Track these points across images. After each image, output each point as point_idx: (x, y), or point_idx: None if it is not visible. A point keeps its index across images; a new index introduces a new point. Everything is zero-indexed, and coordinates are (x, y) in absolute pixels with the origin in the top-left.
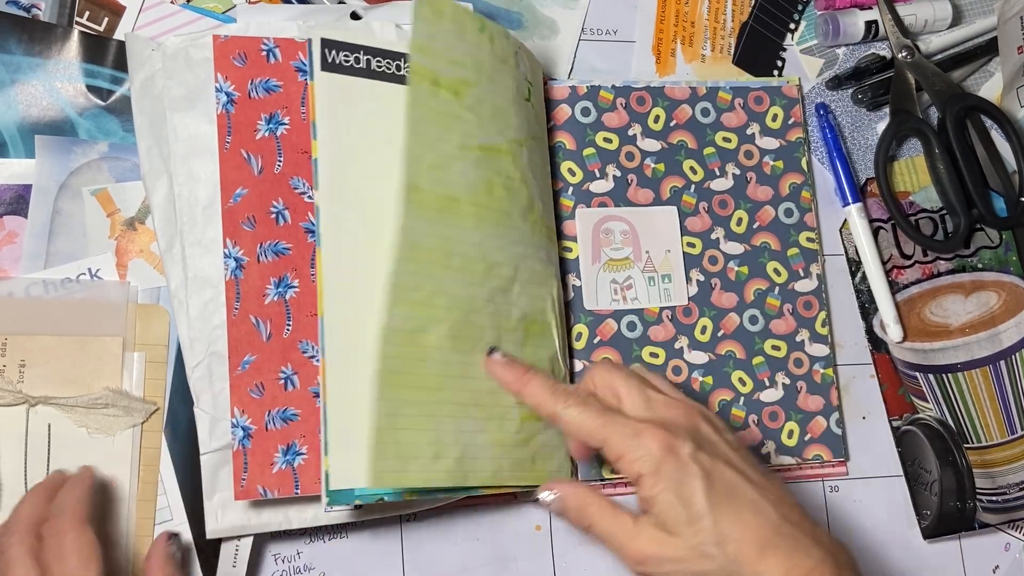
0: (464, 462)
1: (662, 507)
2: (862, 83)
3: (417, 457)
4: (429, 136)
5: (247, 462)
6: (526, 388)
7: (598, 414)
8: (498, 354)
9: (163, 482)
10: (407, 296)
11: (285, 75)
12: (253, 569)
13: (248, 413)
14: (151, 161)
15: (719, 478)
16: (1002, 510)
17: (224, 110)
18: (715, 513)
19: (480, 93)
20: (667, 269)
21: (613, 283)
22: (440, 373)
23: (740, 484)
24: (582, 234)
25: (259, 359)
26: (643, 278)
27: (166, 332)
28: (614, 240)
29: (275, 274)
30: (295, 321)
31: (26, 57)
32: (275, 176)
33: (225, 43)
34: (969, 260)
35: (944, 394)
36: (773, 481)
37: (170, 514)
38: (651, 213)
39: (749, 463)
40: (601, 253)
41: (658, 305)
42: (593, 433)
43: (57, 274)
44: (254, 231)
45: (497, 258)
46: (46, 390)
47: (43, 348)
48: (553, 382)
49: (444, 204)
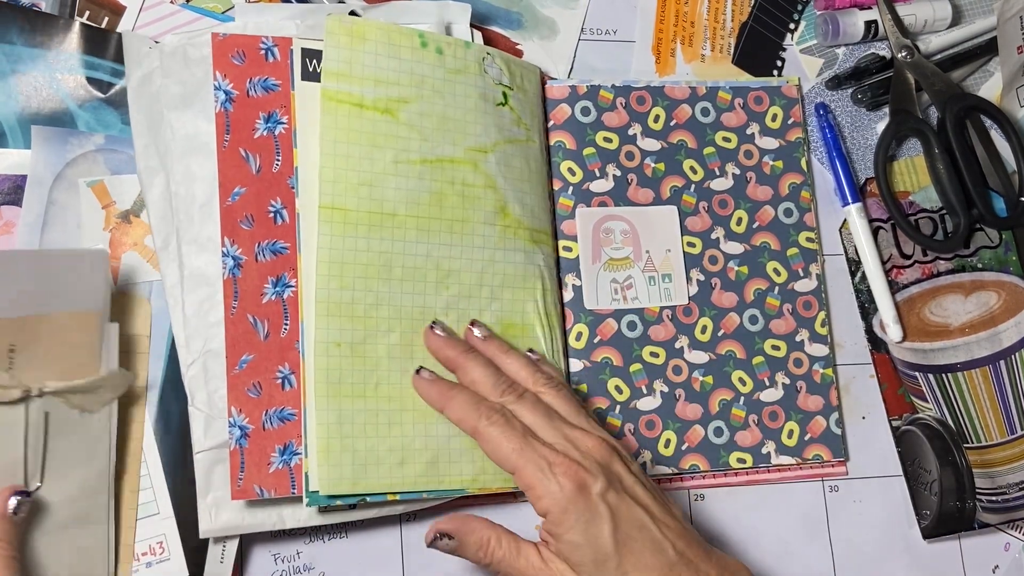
0: (438, 466)
1: (568, 548)
2: (862, 83)
3: (378, 463)
4: (351, 156)
5: (244, 461)
6: (449, 404)
7: (517, 438)
8: (425, 372)
9: (151, 476)
10: (338, 310)
11: (283, 74)
12: (250, 568)
13: (245, 412)
14: (147, 158)
15: (625, 518)
16: (1002, 510)
17: (223, 108)
18: (620, 555)
19: (423, 108)
20: (667, 269)
21: (613, 283)
22: (398, 382)
23: (645, 522)
24: (582, 233)
25: (257, 358)
26: (643, 278)
27: (148, 322)
28: (614, 240)
29: (273, 273)
30: (292, 321)
31: (27, 48)
32: (273, 175)
33: (224, 41)
34: (969, 260)
35: (944, 394)
36: (673, 513)
37: (156, 508)
38: (651, 213)
39: (652, 497)
40: (601, 252)
41: (659, 305)
42: (508, 458)
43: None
44: (252, 230)
45: (453, 266)
46: (37, 372)
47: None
48: (479, 399)
49: (377, 220)
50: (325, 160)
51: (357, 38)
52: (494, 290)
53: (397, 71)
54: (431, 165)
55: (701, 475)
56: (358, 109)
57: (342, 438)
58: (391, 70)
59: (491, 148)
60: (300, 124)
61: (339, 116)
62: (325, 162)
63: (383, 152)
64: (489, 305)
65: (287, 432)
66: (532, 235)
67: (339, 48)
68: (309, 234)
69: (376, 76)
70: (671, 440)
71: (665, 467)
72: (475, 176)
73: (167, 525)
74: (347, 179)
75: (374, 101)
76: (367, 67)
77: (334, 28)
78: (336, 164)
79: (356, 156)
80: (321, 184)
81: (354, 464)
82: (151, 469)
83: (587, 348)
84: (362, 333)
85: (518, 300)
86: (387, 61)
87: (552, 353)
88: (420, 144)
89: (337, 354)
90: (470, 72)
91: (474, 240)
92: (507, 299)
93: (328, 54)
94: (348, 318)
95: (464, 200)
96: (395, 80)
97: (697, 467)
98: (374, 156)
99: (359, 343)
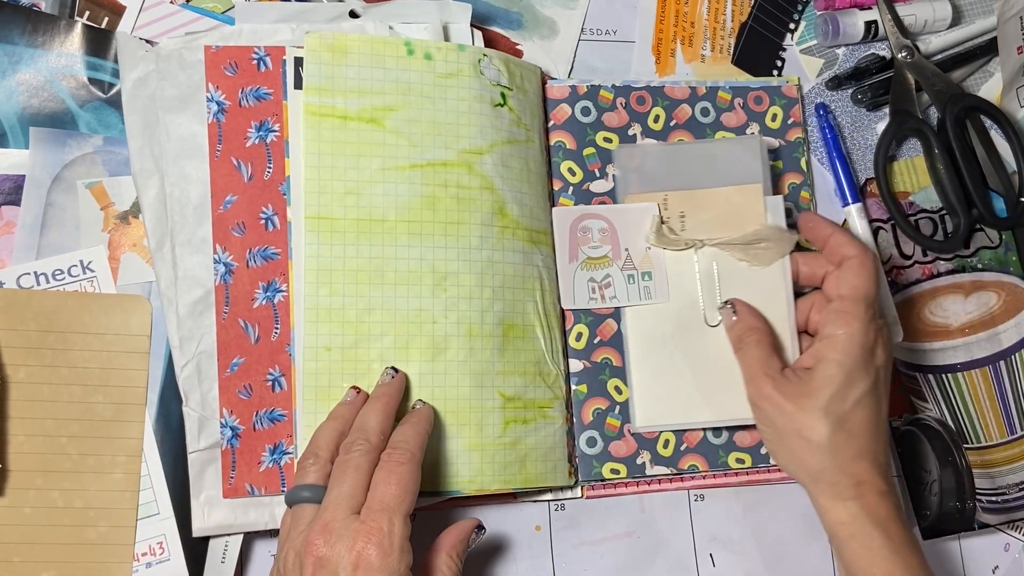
0: (436, 468)
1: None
2: (862, 83)
3: None
4: (336, 167)
5: (235, 461)
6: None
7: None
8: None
9: (151, 476)
10: (328, 316)
11: (275, 83)
12: (249, 568)
13: (236, 413)
14: (142, 160)
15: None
16: (1002, 510)
17: (215, 119)
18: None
19: (411, 114)
20: (647, 267)
21: (591, 281)
22: None
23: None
24: (559, 232)
25: (247, 361)
26: (622, 276)
27: (148, 322)
28: (592, 238)
29: (264, 279)
30: (283, 325)
31: (28, 48)
32: (265, 182)
33: (216, 53)
34: (969, 260)
35: (944, 394)
36: None
37: (156, 508)
38: (630, 210)
39: None
40: (579, 251)
41: (638, 303)
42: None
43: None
44: (243, 237)
45: (451, 268)
46: (703, 234)
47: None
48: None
49: (366, 226)
50: (310, 172)
51: (339, 52)
52: (495, 291)
53: (382, 80)
54: (421, 169)
55: (701, 475)
56: (342, 121)
57: None
58: (375, 80)
59: (487, 149)
60: (292, 133)
61: (322, 129)
62: (310, 174)
63: (369, 160)
64: (491, 306)
65: (277, 432)
66: (531, 235)
67: (320, 64)
68: (300, 242)
69: (360, 88)
70: (670, 440)
71: (664, 467)
72: (470, 178)
73: (167, 525)
74: (332, 189)
75: (358, 112)
76: (349, 80)
77: (314, 45)
78: (320, 176)
79: (341, 167)
80: (306, 196)
81: None
82: (151, 469)
83: (587, 348)
84: (353, 337)
85: (519, 301)
86: (371, 72)
87: (551, 354)
88: (409, 150)
89: (327, 358)
90: (463, 75)
91: (471, 242)
92: (508, 300)
93: (309, 70)
94: (339, 323)
95: (459, 202)
96: (379, 90)
97: (696, 467)
98: (360, 165)
99: (350, 347)
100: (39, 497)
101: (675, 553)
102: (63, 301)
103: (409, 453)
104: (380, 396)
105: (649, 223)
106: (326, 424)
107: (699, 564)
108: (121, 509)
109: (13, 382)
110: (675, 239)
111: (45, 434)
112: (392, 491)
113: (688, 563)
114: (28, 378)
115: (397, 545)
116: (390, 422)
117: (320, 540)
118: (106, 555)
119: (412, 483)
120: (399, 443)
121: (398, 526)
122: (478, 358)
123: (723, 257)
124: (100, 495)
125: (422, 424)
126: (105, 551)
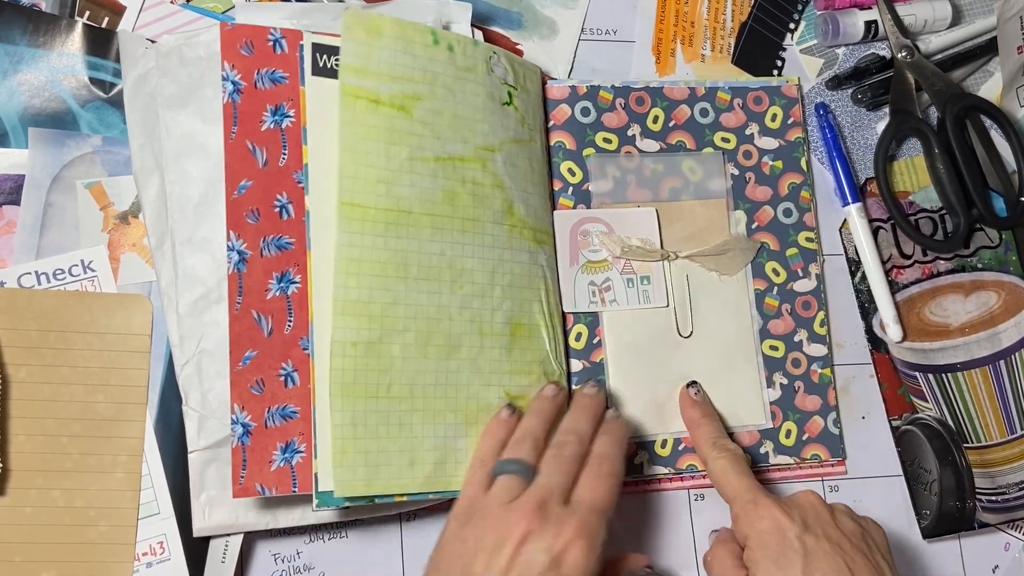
0: (446, 467)
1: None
2: (862, 83)
3: (389, 464)
4: (370, 153)
5: (246, 459)
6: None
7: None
8: (694, 390)
9: (151, 476)
10: (355, 309)
11: (291, 67)
12: (250, 568)
13: (248, 410)
14: (143, 158)
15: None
16: (1002, 510)
17: (230, 99)
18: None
19: (435, 105)
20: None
21: (591, 285)
22: (409, 382)
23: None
24: (560, 236)
25: (260, 355)
26: (622, 280)
27: (148, 322)
28: (592, 242)
29: (277, 269)
30: (296, 317)
31: (30, 48)
32: (280, 169)
33: (232, 31)
34: (969, 260)
35: (944, 394)
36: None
37: (157, 508)
38: (630, 214)
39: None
40: (579, 255)
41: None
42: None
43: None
44: (257, 224)
45: (467, 264)
46: (676, 246)
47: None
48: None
49: (393, 217)
50: (344, 156)
51: (373, 33)
52: (504, 290)
53: (411, 67)
54: (443, 163)
55: (701, 475)
56: (374, 105)
57: (355, 439)
58: (405, 66)
59: (498, 147)
60: (311, 120)
61: (357, 111)
62: (344, 158)
63: (399, 149)
64: (501, 304)
65: (289, 430)
66: (535, 235)
67: (357, 43)
68: (320, 232)
69: (392, 72)
70: (668, 441)
71: (663, 467)
72: (484, 175)
73: (167, 525)
74: (365, 176)
75: (390, 97)
76: (383, 63)
77: (352, 22)
78: (355, 160)
79: (374, 153)
80: (341, 180)
81: (366, 466)
82: (151, 469)
83: (586, 348)
84: (378, 332)
85: (526, 300)
86: (402, 57)
87: (555, 354)
88: (433, 142)
89: (353, 354)
90: (478, 71)
91: (484, 239)
92: (516, 299)
93: (346, 48)
94: (365, 317)
95: (475, 199)
96: (409, 76)
97: (695, 467)
98: (390, 153)
99: (375, 343)
100: (40, 497)
101: (675, 553)
102: (64, 301)
103: (616, 467)
104: (589, 406)
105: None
106: (534, 417)
107: (699, 564)
108: (122, 509)
109: (14, 382)
110: (651, 251)
111: (46, 433)
112: (601, 495)
113: (688, 563)
114: (29, 377)
115: (598, 547)
116: (596, 432)
117: (535, 516)
118: (107, 555)
119: (615, 496)
120: (606, 456)
121: (603, 530)
122: (487, 357)
123: (695, 269)
124: (101, 495)
125: (623, 443)
126: (106, 551)
